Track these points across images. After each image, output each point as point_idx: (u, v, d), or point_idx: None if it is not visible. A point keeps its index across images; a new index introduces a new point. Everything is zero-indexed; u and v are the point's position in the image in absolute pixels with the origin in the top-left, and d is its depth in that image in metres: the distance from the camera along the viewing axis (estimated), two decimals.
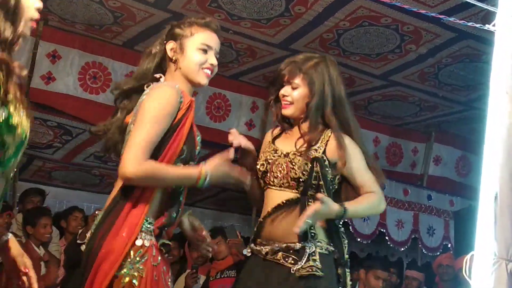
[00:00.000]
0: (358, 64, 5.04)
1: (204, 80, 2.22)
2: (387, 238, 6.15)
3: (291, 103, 2.48)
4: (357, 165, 2.43)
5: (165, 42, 2.21)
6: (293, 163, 2.38)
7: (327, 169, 2.36)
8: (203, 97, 5.48)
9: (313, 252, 2.31)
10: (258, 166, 2.51)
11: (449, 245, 6.54)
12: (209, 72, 2.24)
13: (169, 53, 2.18)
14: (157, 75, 2.21)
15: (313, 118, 2.43)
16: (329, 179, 2.37)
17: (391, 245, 6.34)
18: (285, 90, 2.49)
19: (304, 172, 2.35)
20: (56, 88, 4.84)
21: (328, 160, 2.38)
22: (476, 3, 2.51)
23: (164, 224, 2.05)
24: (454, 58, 4.79)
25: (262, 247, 2.39)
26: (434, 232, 6.52)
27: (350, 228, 5.81)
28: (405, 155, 6.67)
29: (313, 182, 2.34)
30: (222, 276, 4.99)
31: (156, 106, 2.00)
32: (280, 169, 2.41)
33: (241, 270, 2.51)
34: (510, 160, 1.83)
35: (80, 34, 4.84)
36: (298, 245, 2.31)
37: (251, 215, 5.92)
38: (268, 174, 2.45)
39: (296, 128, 2.53)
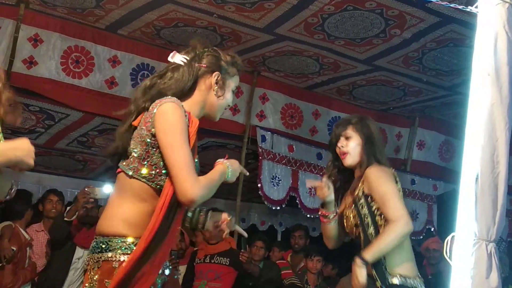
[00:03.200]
0: (342, 49, 5.04)
1: (218, 118, 2.37)
2: None
3: (348, 152, 2.84)
4: (379, 194, 2.67)
5: (204, 65, 2.23)
6: (347, 217, 2.80)
7: (359, 207, 2.72)
8: None
9: None
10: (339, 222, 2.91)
11: (432, 229, 6.62)
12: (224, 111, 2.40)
13: (213, 85, 2.23)
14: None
15: (369, 159, 2.78)
16: (367, 214, 2.70)
17: None
18: (341, 142, 2.87)
19: (355, 217, 2.74)
20: (38, 73, 4.79)
21: (368, 196, 2.71)
22: None
23: None
24: (438, 43, 4.82)
25: None
26: (418, 216, 6.60)
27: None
28: (389, 140, 6.72)
29: (360, 220, 2.74)
30: (212, 261, 5.00)
31: (176, 123, 2.02)
32: (347, 222, 2.81)
33: None
34: (491, 141, 1.86)
35: (62, 18, 4.78)
36: None
37: (235, 200, 5.93)
38: (345, 228, 2.86)
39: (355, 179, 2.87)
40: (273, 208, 5.84)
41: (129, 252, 1.98)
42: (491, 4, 1.98)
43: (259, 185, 5.61)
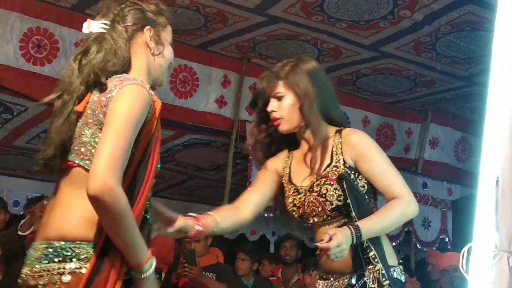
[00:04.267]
0: (344, 33, 5.05)
1: (165, 83, 2.27)
2: None
3: (282, 117, 2.51)
4: (375, 165, 2.44)
5: (131, 24, 2.15)
6: (323, 195, 2.43)
7: (355, 183, 2.41)
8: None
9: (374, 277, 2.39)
10: (291, 212, 2.56)
11: (447, 239, 6.65)
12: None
13: (149, 42, 2.16)
14: None
15: (314, 122, 2.47)
16: (360, 194, 2.41)
17: None
18: (271, 105, 2.52)
19: (339, 198, 2.40)
20: None
21: (352, 169, 2.44)
22: None
23: None
24: (454, 26, 4.83)
25: (326, 281, 2.52)
26: (430, 225, 6.63)
27: None
28: (398, 137, 6.75)
29: (352, 202, 2.39)
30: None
31: (130, 111, 1.94)
32: (314, 207, 2.46)
33: None
34: None
35: None
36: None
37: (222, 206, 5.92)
38: (305, 217, 2.51)
39: (302, 146, 2.57)
40: (265, 215, 5.84)
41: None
42: None
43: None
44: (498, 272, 1.81)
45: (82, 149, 1.98)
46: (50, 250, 1.92)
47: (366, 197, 2.44)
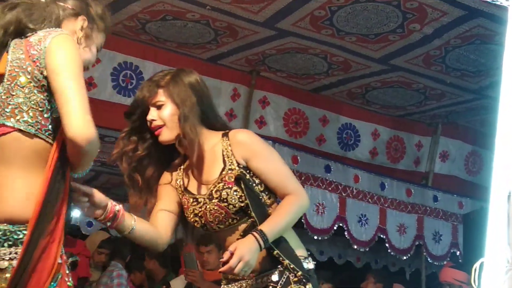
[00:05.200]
0: (354, 46, 5.05)
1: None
2: (387, 245, 6.20)
3: (163, 125, 2.46)
4: (265, 163, 2.44)
5: (74, 10, 2.11)
6: (224, 200, 2.42)
7: (250, 183, 2.41)
8: None
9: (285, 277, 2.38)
10: (192, 223, 2.53)
11: (458, 253, 6.61)
12: None
13: (78, 31, 2.11)
14: None
15: (190, 130, 2.42)
16: (256, 194, 2.41)
17: (392, 253, 6.39)
18: (151, 114, 2.47)
19: (241, 199, 2.40)
20: None
21: (246, 168, 2.43)
22: None
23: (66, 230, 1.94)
24: (464, 40, 4.83)
25: (235, 283, 2.50)
26: (441, 238, 6.59)
27: (346, 233, 5.85)
28: (408, 150, 6.72)
29: (250, 202, 2.39)
30: None
31: (74, 60, 1.89)
32: (216, 213, 2.44)
33: None
34: None
35: None
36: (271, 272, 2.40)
37: None
38: (209, 226, 2.49)
39: (188, 157, 2.50)
40: None
41: None
42: None
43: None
44: None
45: (17, 111, 1.86)
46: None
47: (265, 195, 2.44)
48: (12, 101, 1.87)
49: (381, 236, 6.11)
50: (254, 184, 2.42)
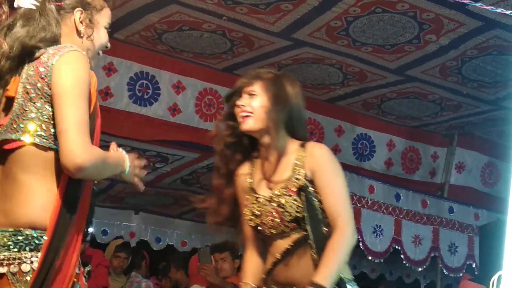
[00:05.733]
0: (370, 56, 5.05)
1: (93, 67, 2.18)
2: (402, 256, 6.16)
3: (251, 113, 2.51)
4: (328, 182, 2.44)
5: (62, 3, 2.10)
6: (282, 206, 2.43)
7: (311, 197, 2.41)
8: (191, 93, 5.48)
9: None
10: (248, 221, 2.56)
11: (474, 265, 6.55)
12: (101, 55, 2.25)
13: (78, 25, 2.10)
14: None
15: (275, 128, 2.47)
16: (316, 210, 2.42)
17: (407, 265, 6.34)
18: (242, 100, 2.54)
19: (298, 209, 2.41)
20: None
21: (312, 182, 2.44)
22: None
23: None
24: (480, 50, 4.80)
25: None
26: (457, 250, 6.53)
27: (360, 244, 5.82)
28: (423, 161, 6.69)
29: (307, 216, 2.40)
30: None
31: (79, 78, 1.91)
32: (272, 217, 2.46)
33: None
34: None
35: None
36: None
37: None
38: (262, 228, 2.51)
39: (263, 155, 2.55)
40: None
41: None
42: None
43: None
44: None
45: (30, 126, 1.91)
46: (20, 238, 1.88)
47: (323, 212, 2.43)
48: (26, 116, 1.92)
49: (396, 247, 6.07)
50: (314, 199, 2.42)
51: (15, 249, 1.87)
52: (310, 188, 2.42)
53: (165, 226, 7.79)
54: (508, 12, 2.28)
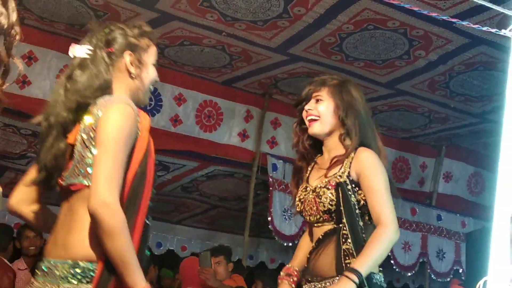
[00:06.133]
0: (362, 71, 5.06)
1: (147, 102, 2.26)
2: (392, 261, 6.15)
3: (318, 117, 2.58)
4: (372, 185, 2.46)
5: (112, 49, 2.15)
6: (320, 197, 2.50)
7: (349, 193, 2.46)
8: (192, 105, 5.49)
9: None
10: (296, 206, 2.65)
11: (461, 270, 6.55)
12: (152, 89, 2.29)
13: (129, 67, 2.15)
14: None
15: (355, 130, 2.53)
16: (352, 203, 2.45)
17: (396, 270, 6.34)
18: (309, 105, 2.61)
19: (331, 203, 2.46)
20: (31, 93, 4.83)
21: (354, 182, 2.48)
22: (491, 6, 2.53)
23: None
24: (467, 66, 4.82)
25: (310, 283, 2.52)
26: (444, 256, 6.53)
27: None
28: (412, 171, 6.69)
29: (343, 209, 2.44)
30: None
31: (118, 131, 1.95)
32: (311, 205, 2.54)
33: None
34: None
35: (59, 35, 4.84)
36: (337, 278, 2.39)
37: (243, 235, 5.90)
38: (304, 213, 2.60)
39: (324, 155, 2.63)
40: (285, 244, 5.80)
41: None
42: None
43: (269, 218, 5.59)
44: None
45: (89, 170, 1.97)
46: (78, 270, 1.92)
47: (359, 211, 2.46)
48: (85, 162, 1.99)
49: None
50: (352, 195, 2.46)
51: (74, 281, 1.91)
52: (349, 186, 2.46)
53: (166, 232, 7.78)
54: (493, 30, 2.29)
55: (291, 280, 2.64)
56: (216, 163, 6.04)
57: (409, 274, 6.47)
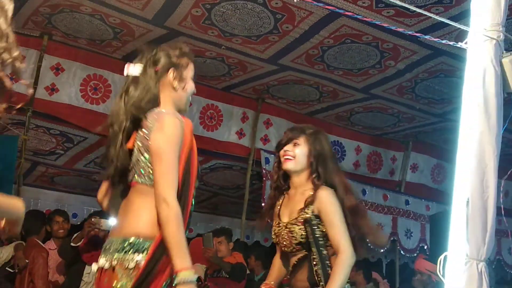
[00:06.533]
0: (341, 78, 5.06)
1: (187, 109, 2.32)
2: (368, 240, 6.14)
3: (293, 157, 2.68)
4: (330, 220, 2.55)
5: (159, 68, 2.21)
6: (292, 232, 2.61)
7: (314, 227, 2.56)
8: (197, 108, 5.47)
9: None
10: (272, 238, 2.75)
11: (425, 247, 6.56)
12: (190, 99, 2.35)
13: (172, 82, 2.21)
14: None
15: (306, 173, 2.65)
16: (317, 236, 2.56)
17: (371, 247, 6.34)
18: (288, 147, 2.72)
19: (302, 236, 2.57)
20: (59, 99, 4.82)
21: (317, 217, 2.57)
22: (450, 23, 2.54)
23: None
24: (430, 73, 4.83)
25: None
26: (412, 235, 6.54)
27: None
28: (384, 163, 6.70)
29: (312, 241, 2.57)
30: (218, 275, 4.95)
31: (170, 139, 2.04)
32: (285, 239, 2.64)
33: None
34: (481, 167, 1.85)
35: (82, 49, 4.82)
36: None
37: (241, 218, 5.91)
38: (280, 245, 2.71)
39: (291, 190, 2.73)
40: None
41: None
42: (479, 40, 1.99)
43: (263, 204, 5.59)
44: (468, 277, 1.79)
45: (142, 171, 2.09)
46: (126, 244, 2.03)
47: (321, 240, 2.55)
48: (139, 164, 2.10)
49: None
50: (317, 229, 2.56)
51: (123, 252, 2.02)
52: (314, 221, 2.56)
53: None
54: (451, 43, 2.30)
55: None
56: (217, 158, 6.04)
57: (382, 250, 6.48)
